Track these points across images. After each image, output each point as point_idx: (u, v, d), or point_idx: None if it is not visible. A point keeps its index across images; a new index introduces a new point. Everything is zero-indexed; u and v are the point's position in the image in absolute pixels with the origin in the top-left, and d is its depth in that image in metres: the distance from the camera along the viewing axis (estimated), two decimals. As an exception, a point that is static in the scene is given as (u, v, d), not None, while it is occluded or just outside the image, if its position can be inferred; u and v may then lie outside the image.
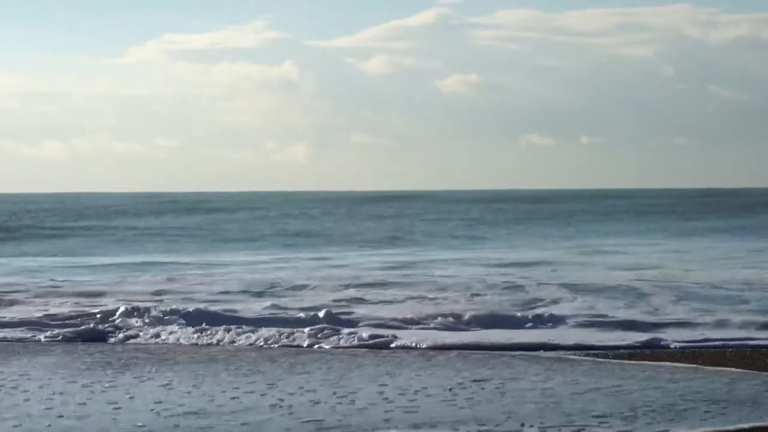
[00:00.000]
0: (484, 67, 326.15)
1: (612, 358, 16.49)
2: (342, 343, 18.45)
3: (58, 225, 69.25)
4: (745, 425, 11.70)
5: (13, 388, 14.15)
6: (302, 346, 18.32)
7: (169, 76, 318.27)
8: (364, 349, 17.85)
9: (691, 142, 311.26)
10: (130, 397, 13.36)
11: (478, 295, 24.14)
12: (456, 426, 11.52)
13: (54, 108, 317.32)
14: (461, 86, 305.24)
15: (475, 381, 14.38)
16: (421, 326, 20.07)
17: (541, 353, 17.16)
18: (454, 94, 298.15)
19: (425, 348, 17.80)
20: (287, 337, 18.77)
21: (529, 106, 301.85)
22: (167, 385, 14.32)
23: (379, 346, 18.10)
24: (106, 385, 14.32)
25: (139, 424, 11.78)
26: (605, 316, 20.95)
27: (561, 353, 17.15)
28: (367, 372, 15.36)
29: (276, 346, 18.42)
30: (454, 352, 17.29)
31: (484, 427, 11.47)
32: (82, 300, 23.82)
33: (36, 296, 24.72)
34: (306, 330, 19.06)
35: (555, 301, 22.99)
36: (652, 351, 17.32)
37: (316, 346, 18.31)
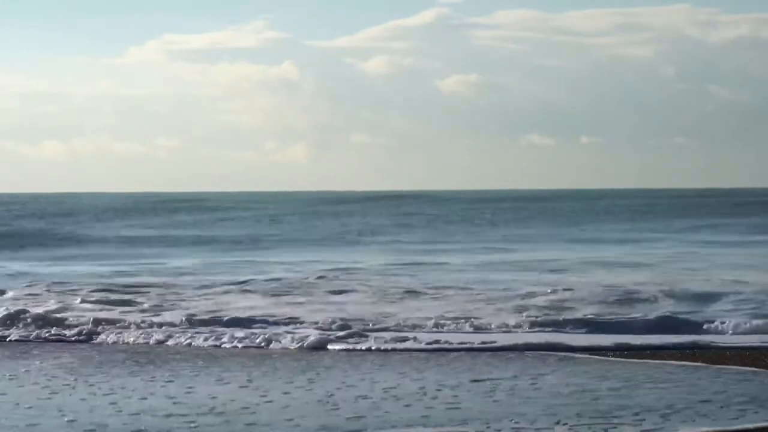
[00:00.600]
0: (483, 67, 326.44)
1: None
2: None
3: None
4: (750, 425, 12.43)
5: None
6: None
7: (169, 76, 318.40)
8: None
9: (691, 142, 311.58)
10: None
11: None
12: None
13: (54, 108, 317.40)
14: (461, 86, 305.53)
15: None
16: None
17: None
18: (454, 94, 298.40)
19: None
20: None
21: (529, 106, 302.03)
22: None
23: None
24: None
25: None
26: None
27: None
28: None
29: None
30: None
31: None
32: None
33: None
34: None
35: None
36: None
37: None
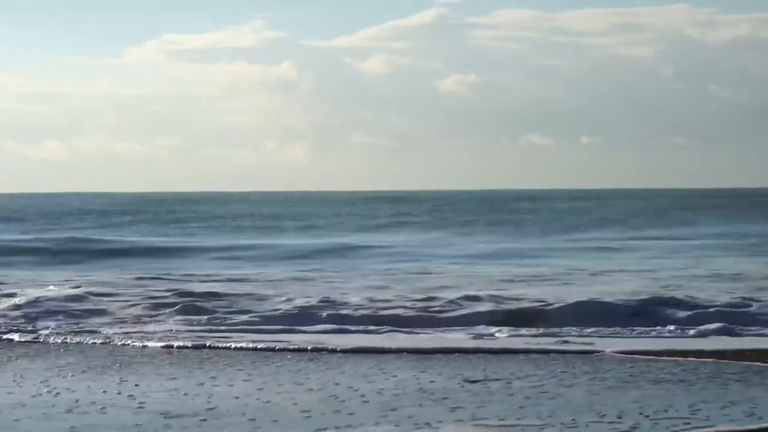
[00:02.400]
0: (483, 67, 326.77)
1: None
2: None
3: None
4: (754, 426, 11.58)
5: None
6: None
7: (168, 76, 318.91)
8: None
9: (691, 142, 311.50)
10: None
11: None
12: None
13: (54, 108, 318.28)
14: (460, 86, 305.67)
15: None
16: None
17: None
18: (454, 94, 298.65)
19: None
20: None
21: (529, 106, 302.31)
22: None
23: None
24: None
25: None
26: None
27: None
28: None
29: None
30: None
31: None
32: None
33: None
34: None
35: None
36: None
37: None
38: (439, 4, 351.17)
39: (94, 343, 18.41)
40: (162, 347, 17.70)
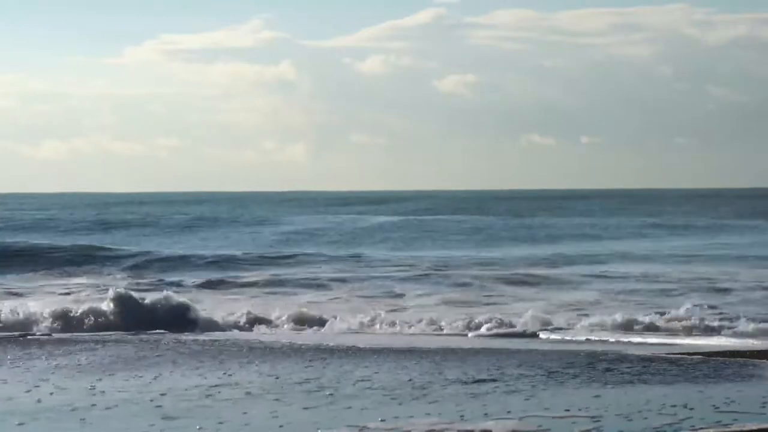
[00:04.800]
0: (481, 67, 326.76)
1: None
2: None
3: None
4: (755, 426, 11.78)
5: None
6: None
7: (167, 76, 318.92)
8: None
9: (691, 142, 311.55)
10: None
11: None
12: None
13: (53, 108, 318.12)
14: (459, 86, 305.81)
15: None
16: None
17: None
18: (452, 94, 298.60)
19: None
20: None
21: (528, 105, 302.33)
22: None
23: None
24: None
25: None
26: None
27: None
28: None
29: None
30: None
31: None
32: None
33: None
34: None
35: None
36: None
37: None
38: (437, 5, 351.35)
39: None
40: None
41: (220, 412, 12.38)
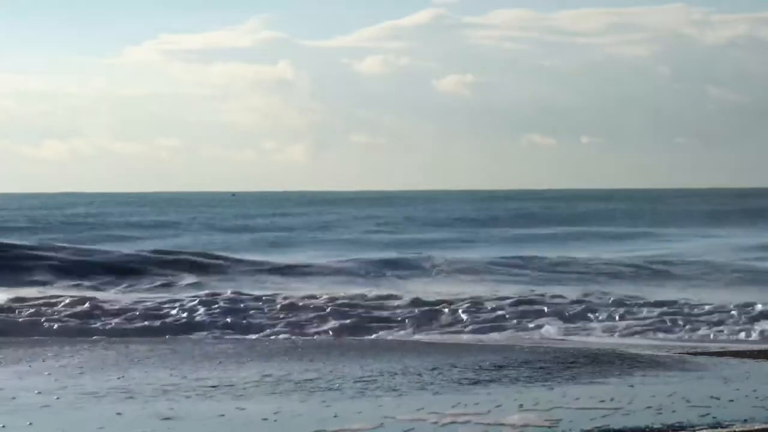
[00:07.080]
0: (480, 67, 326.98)
1: None
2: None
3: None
4: (757, 426, 11.69)
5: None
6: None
7: (166, 76, 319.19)
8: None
9: (691, 142, 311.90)
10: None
11: None
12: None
13: (53, 107, 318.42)
14: (458, 86, 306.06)
15: None
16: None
17: None
18: (451, 94, 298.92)
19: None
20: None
21: (527, 105, 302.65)
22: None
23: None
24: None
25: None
26: None
27: None
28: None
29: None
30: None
31: None
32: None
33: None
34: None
35: None
36: None
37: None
38: (436, 5, 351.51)
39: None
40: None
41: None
